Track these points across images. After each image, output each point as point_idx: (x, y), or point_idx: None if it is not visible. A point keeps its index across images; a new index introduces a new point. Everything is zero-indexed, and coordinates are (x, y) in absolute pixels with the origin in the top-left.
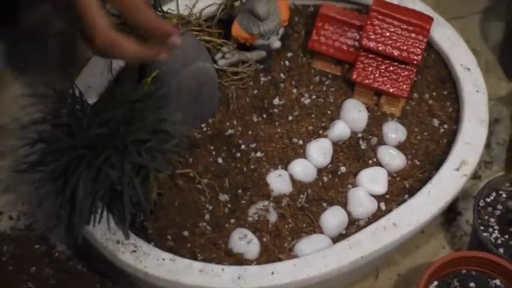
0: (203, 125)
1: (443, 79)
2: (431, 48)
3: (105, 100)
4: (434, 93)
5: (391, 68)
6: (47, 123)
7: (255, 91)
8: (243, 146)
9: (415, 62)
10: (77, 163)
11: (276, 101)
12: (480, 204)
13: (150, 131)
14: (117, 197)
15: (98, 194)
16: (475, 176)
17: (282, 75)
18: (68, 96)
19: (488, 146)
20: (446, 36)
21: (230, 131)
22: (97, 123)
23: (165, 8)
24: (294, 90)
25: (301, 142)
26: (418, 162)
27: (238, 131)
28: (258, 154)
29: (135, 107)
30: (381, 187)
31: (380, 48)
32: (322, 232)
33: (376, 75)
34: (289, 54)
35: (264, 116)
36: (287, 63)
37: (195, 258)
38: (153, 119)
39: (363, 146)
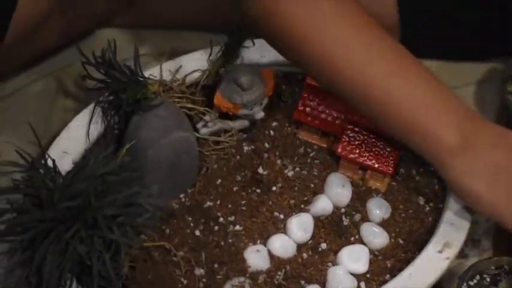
0: (182, 196)
1: None
2: None
3: (78, 171)
4: (421, 169)
5: (377, 143)
6: (19, 192)
7: (237, 161)
8: (221, 219)
9: None
10: (45, 236)
11: (259, 172)
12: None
13: (122, 205)
14: (86, 271)
15: (66, 268)
16: (462, 255)
17: (266, 145)
18: (39, 165)
19: (476, 223)
20: None
21: (209, 203)
22: (68, 196)
23: (147, 74)
24: (278, 161)
25: (282, 216)
26: (401, 241)
27: (218, 203)
28: (237, 227)
29: (108, 180)
30: (362, 266)
31: (366, 122)
32: None
33: (362, 149)
34: (275, 124)
35: (246, 187)
36: (272, 132)
37: None
38: (126, 192)
39: (346, 222)
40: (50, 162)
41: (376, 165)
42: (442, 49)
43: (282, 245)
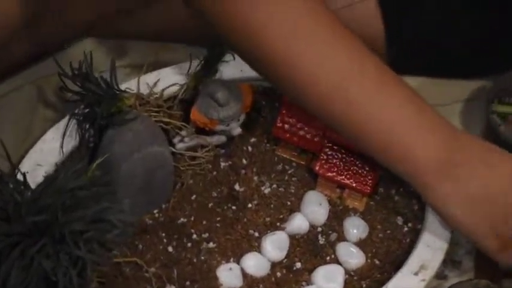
0: (156, 211)
1: None
2: None
3: (47, 185)
4: (401, 189)
5: (356, 162)
6: None
7: (214, 177)
8: (195, 236)
9: None
10: (11, 250)
11: (235, 188)
12: None
13: (91, 221)
14: (52, 287)
15: (32, 283)
16: (441, 276)
17: (244, 161)
18: (9, 179)
19: (457, 244)
20: None
21: (183, 219)
22: (35, 210)
23: (124, 86)
24: (255, 178)
25: (257, 234)
26: (377, 262)
27: (192, 219)
28: (210, 245)
29: (78, 195)
30: (337, 286)
31: (345, 141)
32: None
33: (340, 168)
34: (253, 140)
35: (221, 204)
36: (250, 148)
37: None
38: (95, 208)
39: (322, 241)
40: (20, 176)
41: (354, 184)
42: (430, 66)
43: (255, 263)
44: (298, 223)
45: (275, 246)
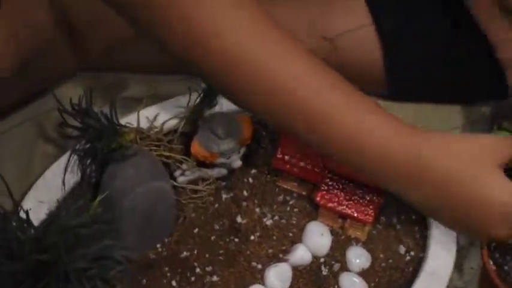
0: (159, 245)
1: None
2: None
3: (50, 223)
4: (402, 217)
5: (357, 192)
6: None
7: (216, 210)
8: (198, 269)
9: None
10: None
11: (237, 220)
12: None
13: (93, 258)
14: None
15: None
16: None
17: (245, 193)
18: (12, 217)
19: (461, 271)
20: None
21: (186, 252)
22: (39, 249)
23: (124, 121)
24: (257, 210)
25: (260, 266)
26: None
27: (195, 253)
28: (214, 278)
29: (79, 233)
30: None
31: (345, 171)
32: None
33: (341, 198)
34: (253, 171)
35: (223, 236)
36: (251, 180)
37: None
38: (97, 245)
39: (325, 272)
40: (23, 214)
41: (356, 214)
42: (429, 93)
43: None
44: (301, 254)
45: (278, 278)
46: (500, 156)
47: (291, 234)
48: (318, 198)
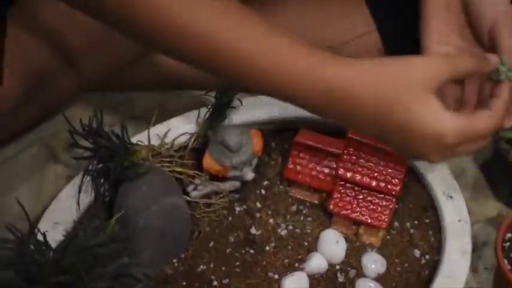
0: (175, 260)
1: (425, 207)
2: (412, 173)
3: (68, 244)
4: (416, 222)
5: (370, 198)
6: (11, 269)
7: (230, 222)
8: (215, 282)
9: (393, 192)
10: None
11: (251, 232)
12: None
13: (112, 277)
14: None
15: None
16: None
17: (258, 205)
18: (30, 240)
19: (475, 271)
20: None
21: (202, 266)
22: (58, 270)
23: (135, 139)
24: (271, 220)
25: (276, 276)
26: None
27: (211, 266)
28: None
29: (98, 252)
30: None
31: (357, 178)
32: None
33: (354, 205)
34: (266, 182)
35: (239, 248)
36: (263, 191)
37: None
38: (116, 264)
39: (341, 279)
40: (40, 236)
41: (369, 220)
42: None
43: None
44: (317, 262)
45: (295, 287)
46: (435, 79)
47: (306, 243)
48: (331, 207)
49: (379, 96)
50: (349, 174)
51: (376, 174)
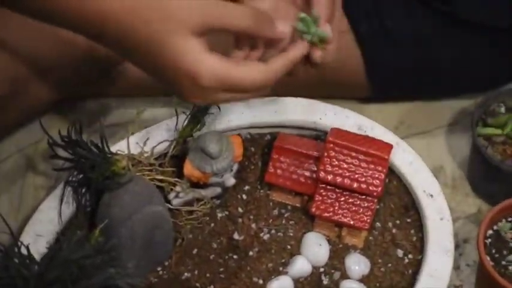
0: (159, 268)
1: (406, 206)
2: (393, 174)
3: (52, 257)
4: (397, 221)
5: (351, 200)
6: None
7: (212, 229)
8: None
9: (374, 193)
10: None
11: (234, 237)
12: None
13: None
14: None
15: None
16: None
17: (240, 210)
18: (13, 254)
19: (457, 268)
20: (408, 162)
21: (186, 273)
22: (43, 284)
23: (114, 148)
24: (253, 225)
25: (261, 281)
26: None
27: (195, 273)
28: None
29: (83, 264)
30: None
31: (338, 180)
32: None
33: (336, 207)
34: (246, 187)
35: (222, 254)
36: (244, 196)
37: None
38: (101, 275)
39: (325, 281)
40: (24, 249)
41: (352, 222)
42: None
43: None
44: (301, 266)
45: None
46: (202, 20)
47: (289, 247)
48: (313, 209)
49: (140, 30)
50: (330, 177)
51: (357, 176)
